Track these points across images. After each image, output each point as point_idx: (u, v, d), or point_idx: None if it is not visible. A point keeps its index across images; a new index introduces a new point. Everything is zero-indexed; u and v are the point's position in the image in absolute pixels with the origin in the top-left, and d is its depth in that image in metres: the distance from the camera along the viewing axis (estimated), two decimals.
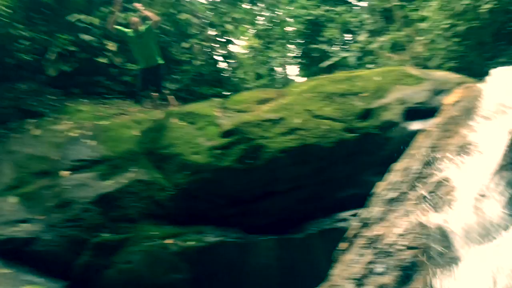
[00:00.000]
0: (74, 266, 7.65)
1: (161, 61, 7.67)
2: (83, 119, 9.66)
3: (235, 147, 7.76)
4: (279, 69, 15.45)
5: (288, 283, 7.29)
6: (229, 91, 10.29)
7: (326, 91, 8.13)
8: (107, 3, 11.22)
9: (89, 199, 8.00)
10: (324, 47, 12.84)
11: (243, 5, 13.80)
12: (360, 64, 12.72)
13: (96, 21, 10.81)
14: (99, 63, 10.57)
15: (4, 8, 9.76)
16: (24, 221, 7.99)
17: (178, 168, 8.02)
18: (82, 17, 10.69)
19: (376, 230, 4.48)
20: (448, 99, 5.60)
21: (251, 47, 14.62)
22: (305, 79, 13.68)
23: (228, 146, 7.81)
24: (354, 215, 6.24)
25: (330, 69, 12.52)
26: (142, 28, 7.77)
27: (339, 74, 9.14)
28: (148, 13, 8.00)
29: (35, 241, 7.79)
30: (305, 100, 8.08)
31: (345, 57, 12.22)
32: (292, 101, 8.15)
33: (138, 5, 8.62)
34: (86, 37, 10.56)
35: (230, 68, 12.21)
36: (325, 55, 13.02)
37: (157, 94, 9.75)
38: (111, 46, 10.70)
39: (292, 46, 15.39)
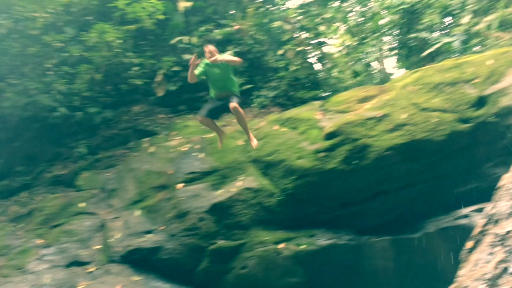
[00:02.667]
0: (195, 272, 8.09)
1: (235, 91, 6.80)
2: (191, 134, 10.23)
3: (339, 148, 7.67)
4: (375, 64, 14.97)
5: (407, 285, 6.99)
6: (327, 93, 10.21)
7: (433, 82, 7.69)
8: (203, 22, 11.81)
9: (204, 209, 8.42)
10: (423, 34, 12.16)
11: (333, 4, 13.63)
12: (465, 49, 11.84)
13: (194, 40, 11.41)
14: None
15: (116, 40, 10.73)
16: (148, 232, 8.65)
17: (284, 174, 8.13)
18: (183, 38, 11.34)
19: (506, 226, 4.12)
20: None
21: (344, 45, 14.37)
22: (404, 71, 13.08)
23: (332, 148, 7.75)
24: (477, 210, 5.81)
25: (432, 57, 11.82)
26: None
27: (446, 62, 8.60)
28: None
29: (159, 250, 8.38)
30: (410, 94, 7.73)
31: (448, 43, 11.44)
32: (395, 96, 7.85)
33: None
34: (187, 56, 11.18)
35: (326, 69, 12.11)
36: (425, 43, 12.32)
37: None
38: None
39: (387, 38, 14.85)
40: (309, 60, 11.96)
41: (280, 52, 11.45)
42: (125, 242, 8.59)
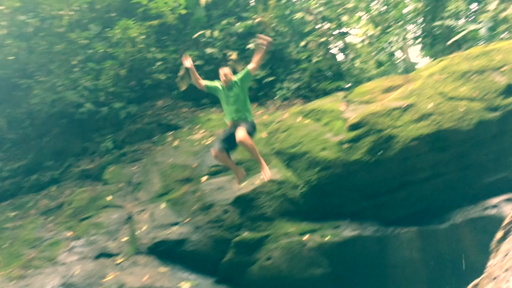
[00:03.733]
0: (220, 263, 8.17)
1: (249, 119, 6.31)
2: (214, 127, 10.30)
3: (363, 139, 7.61)
4: (399, 54, 14.72)
5: (434, 276, 6.91)
6: (350, 84, 10.11)
7: (460, 70, 7.53)
8: (225, 15, 11.83)
9: (228, 201, 8.48)
10: (449, 22, 11.88)
11: None
12: (492, 36, 11.53)
13: (216, 34, 11.45)
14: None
15: (139, 35, 10.87)
16: (173, 224, 8.77)
17: (308, 166, 8.11)
18: (205, 32, 11.40)
19: None
20: None
21: (367, 35, 14.17)
22: (429, 60, 12.83)
23: (356, 139, 7.69)
24: (507, 200, 5.69)
25: (458, 45, 11.55)
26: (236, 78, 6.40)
27: (473, 50, 8.40)
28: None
29: (185, 242, 8.49)
30: (436, 83, 7.59)
31: (474, 30, 11.16)
32: (421, 86, 7.71)
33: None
34: (209, 50, 11.25)
35: (349, 60, 11.99)
36: (451, 31, 12.05)
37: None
38: (233, 55, 11.24)
39: (411, 27, 14.57)
40: (332, 51, 11.86)
41: (302, 43, 11.39)
42: (152, 234, 8.74)
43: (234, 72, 10.93)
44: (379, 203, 7.58)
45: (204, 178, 9.06)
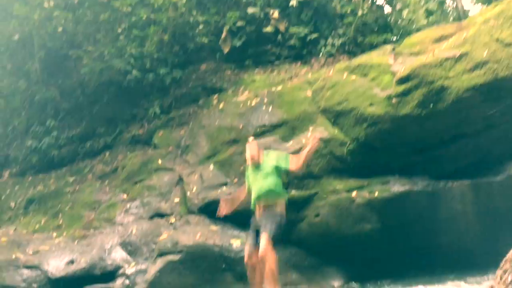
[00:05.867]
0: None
1: (280, 199, 5.59)
2: (258, 88, 10.28)
3: (414, 93, 7.35)
4: (450, 2, 13.90)
5: (488, 230, 6.74)
6: (398, 36, 9.69)
7: None
8: None
9: None
10: None
11: None
12: None
13: None
14: (265, 32, 11.04)
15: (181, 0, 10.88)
16: (223, 185, 8.97)
17: (355, 122, 7.98)
18: None
19: None
20: None
21: None
22: (483, 6, 12.04)
23: (406, 93, 7.44)
24: None
25: None
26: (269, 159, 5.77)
27: None
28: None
29: None
30: (492, 29, 7.15)
31: None
32: (475, 33, 7.29)
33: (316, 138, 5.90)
34: (251, 10, 11.09)
35: (396, 11, 11.46)
36: None
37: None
38: (274, 13, 11.04)
39: None
40: (378, 3, 11.37)
41: None
42: (202, 194, 8.99)
43: (276, 33, 10.74)
44: (430, 157, 7.39)
45: (251, 139, 9.14)
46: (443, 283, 6.25)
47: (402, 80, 7.52)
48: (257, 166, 5.70)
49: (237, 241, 8.02)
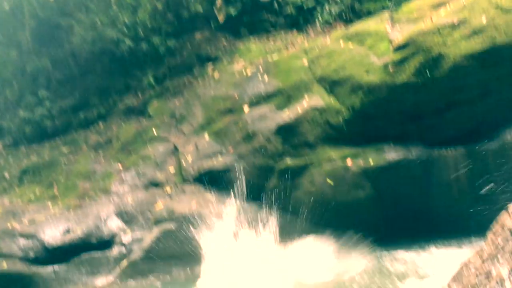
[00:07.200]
0: (265, 190, 8.36)
1: None
2: (254, 57, 10.17)
3: (411, 60, 7.31)
4: None
5: (482, 195, 6.80)
6: (396, 3, 9.51)
7: None
8: None
9: (270, 130, 8.52)
10: None
11: None
12: None
13: None
14: (261, 0, 10.84)
15: None
16: (218, 154, 8.96)
17: (351, 91, 7.94)
18: None
19: None
20: None
21: None
22: None
23: (403, 60, 7.39)
24: None
25: None
26: None
27: None
28: None
29: (229, 170, 8.69)
30: None
31: None
32: None
33: None
34: None
35: None
36: None
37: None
38: None
39: None
40: None
41: None
42: (197, 164, 9.00)
43: (272, 1, 10.37)
44: (425, 125, 7.40)
45: (246, 108, 9.09)
46: (437, 248, 6.36)
47: (399, 48, 7.46)
48: None
49: (232, 209, 8.05)
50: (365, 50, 8.03)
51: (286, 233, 7.44)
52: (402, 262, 6.73)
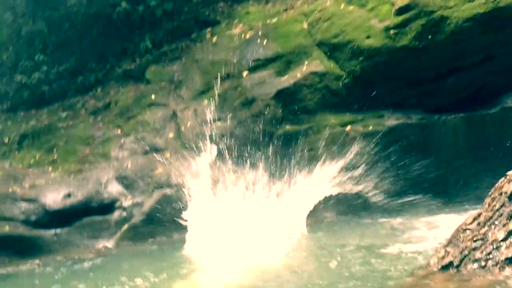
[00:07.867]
0: (264, 155, 8.40)
1: None
2: (252, 21, 9.98)
3: (412, 24, 7.18)
4: None
5: (480, 160, 6.87)
6: None
7: None
8: None
9: (269, 95, 8.48)
10: None
11: None
12: None
13: None
14: None
15: None
16: (217, 119, 8.94)
17: (351, 55, 7.86)
18: None
19: None
20: None
21: None
22: None
23: (404, 24, 7.27)
24: None
25: None
26: None
27: None
28: None
29: (229, 136, 8.70)
30: None
31: None
32: None
33: None
34: None
35: None
36: None
37: None
38: None
39: None
40: None
41: None
42: (196, 129, 8.98)
43: None
44: (426, 91, 7.37)
45: (245, 73, 9.01)
46: (434, 213, 6.45)
47: (401, 10, 7.32)
48: None
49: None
50: (366, 13, 7.88)
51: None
52: (397, 226, 6.85)
